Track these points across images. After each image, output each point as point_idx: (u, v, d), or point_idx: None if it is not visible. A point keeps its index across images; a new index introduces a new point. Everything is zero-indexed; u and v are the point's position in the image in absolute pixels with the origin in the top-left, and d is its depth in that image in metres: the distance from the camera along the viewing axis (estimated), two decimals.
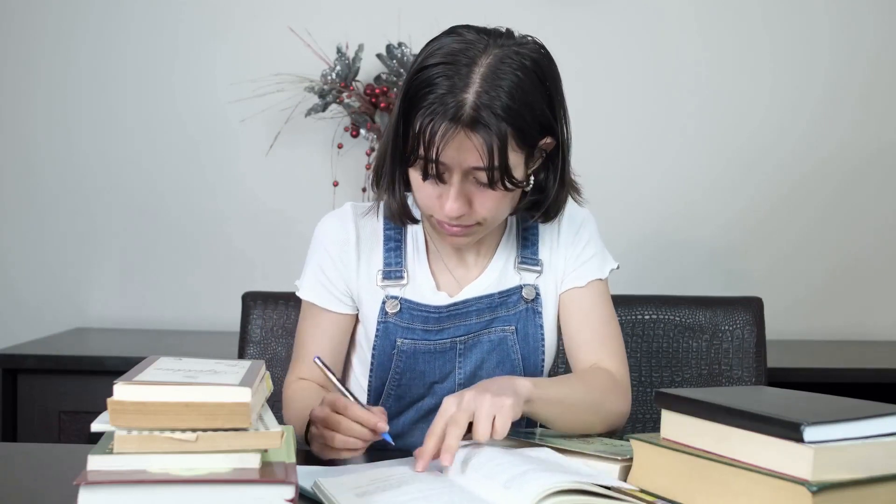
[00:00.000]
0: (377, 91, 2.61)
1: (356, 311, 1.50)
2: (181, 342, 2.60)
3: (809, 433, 0.96)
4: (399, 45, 2.62)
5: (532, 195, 1.41)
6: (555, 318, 1.52)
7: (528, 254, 1.51)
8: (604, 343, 1.49)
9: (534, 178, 1.38)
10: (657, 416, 1.15)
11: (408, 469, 1.17)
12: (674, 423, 1.11)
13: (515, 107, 1.27)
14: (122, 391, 0.92)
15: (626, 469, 1.16)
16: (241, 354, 1.82)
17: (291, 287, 1.55)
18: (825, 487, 0.94)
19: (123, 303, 2.81)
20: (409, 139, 1.30)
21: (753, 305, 1.89)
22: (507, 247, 1.51)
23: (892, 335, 2.88)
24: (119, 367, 1.43)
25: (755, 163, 2.85)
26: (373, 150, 2.66)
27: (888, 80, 2.87)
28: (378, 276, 1.47)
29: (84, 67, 2.79)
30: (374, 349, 1.47)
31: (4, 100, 2.79)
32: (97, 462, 0.91)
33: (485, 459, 1.15)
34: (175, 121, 2.80)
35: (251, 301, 1.83)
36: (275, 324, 1.82)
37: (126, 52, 2.79)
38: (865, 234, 2.88)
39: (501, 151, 1.27)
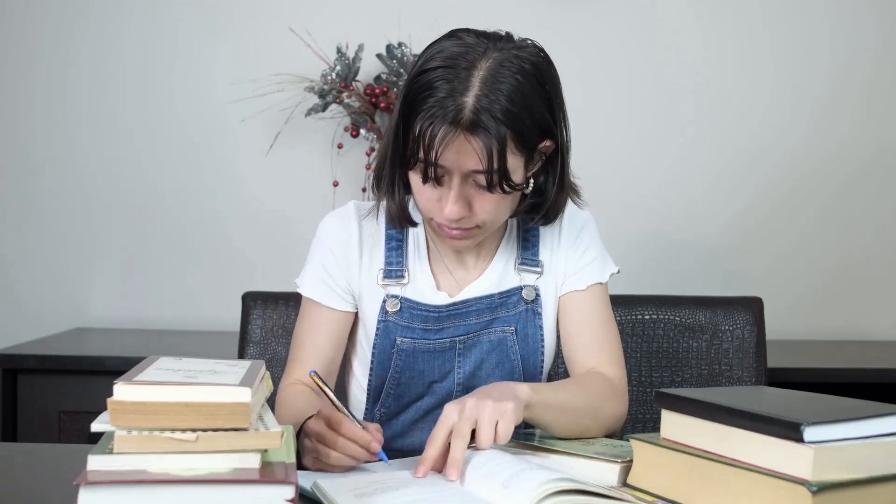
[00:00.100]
0: (377, 91, 2.61)
1: (356, 309, 1.50)
2: (181, 342, 2.60)
3: (809, 433, 0.96)
4: (399, 45, 2.62)
5: (532, 198, 1.41)
6: (554, 320, 1.52)
7: (529, 255, 1.51)
8: (602, 347, 1.49)
9: (533, 181, 1.39)
10: (657, 416, 1.15)
11: (407, 474, 1.17)
12: (674, 423, 1.11)
13: (515, 110, 1.27)
14: (122, 391, 0.92)
15: (626, 469, 1.16)
16: (241, 354, 1.82)
17: (291, 287, 1.55)
18: (825, 487, 0.94)
19: (123, 303, 2.81)
20: (409, 142, 1.30)
21: (753, 305, 1.89)
22: (508, 248, 1.51)
23: (892, 335, 2.88)
24: (119, 367, 1.43)
25: (755, 163, 2.86)
26: (373, 150, 2.66)
27: (888, 81, 2.87)
28: (379, 275, 1.47)
29: (84, 67, 2.79)
30: (374, 348, 1.47)
31: (4, 100, 2.79)
32: (97, 462, 0.91)
33: (484, 459, 1.15)
34: (175, 121, 2.80)
35: (251, 301, 1.83)
36: (275, 324, 1.82)
37: (126, 52, 2.79)
38: (865, 235, 2.88)
39: (501, 155, 1.27)
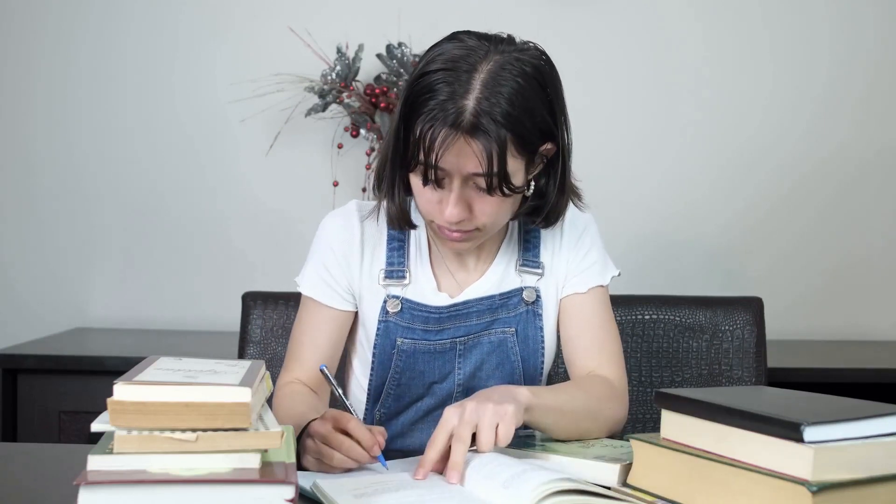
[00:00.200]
0: (377, 91, 2.61)
1: (356, 309, 1.50)
2: (181, 342, 2.60)
3: (809, 433, 0.96)
4: (399, 45, 2.62)
5: (532, 201, 1.40)
6: (555, 321, 1.52)
7: (530, 256, 1.51)
8: (602, 349, 1.48)
9: (534, 184, 1.38)
10: (657, 416, 1.15)
11: (407, 476, 1.17)
12: (674, 423, 1.11)
13: (515, 113, 1.27)
14: (122, 391, 0.92)
15: (626, 470, 1.16)
16: (241, 354, 1.82)
17: (291, 287, 1.55)
18: (825, 487, 0.94)
19: (123, 303, 2.81)
20: (410, 145, 1.30)
21: (753, 305, 1.89)
22: (509, 250, 1.51)
23: (892, 335, 2.88)
24: (119, 367, 1.43)
25: (755, 163, 2.85)
26: (373, 150, 2.66)
27: (888, 81, 2.87)
28: (380, 276, 1.47)
29: (84, 67, 2.79)
30: (375, 348, 1.47)
31: (4, 100, 2.79)
32: (97, 462, 0.91)
33: (485, 460, 1.15)
34: (175, 121, 2.80)
35: (251, 301, 1.83)
36: (275, 324, 1.82)
37: (126, 53, 2.79)
38: (865, 235, 2.87)
39: (501, 158, 1.27)
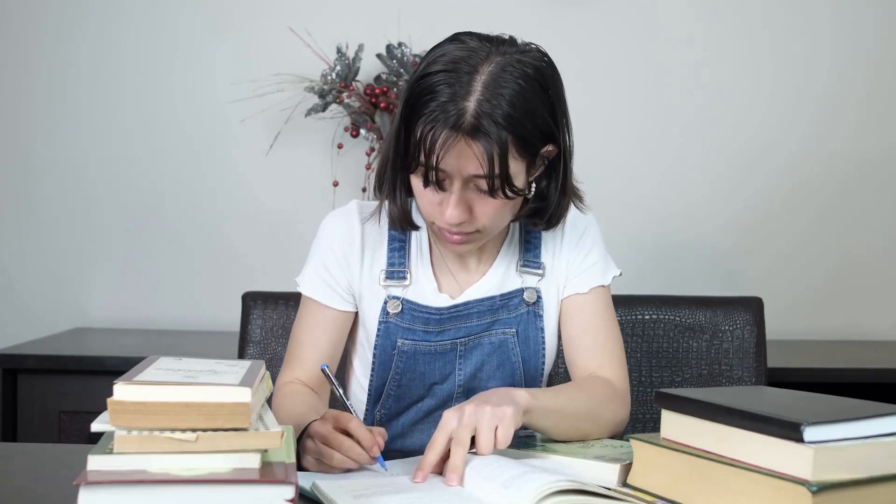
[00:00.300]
0: (377, 91, 2.61)
1: (356, 309, 1.50)
2: (181, 342, 2.60)
3: (809, 433, 0.96)
4: (399, 45, 2.62)
5: (533, 203, 1.40)
6: (556, 322, 1.51)
7: (531, 257, 1.50)
8: (604, 350, 1.48)
9: (535, 186, 1.38)
10: (657, 416, 1.15)
11: (406, 479, 1.17)
12: (674, 423, 1.11)
13: (516, 115, 1.26)
14: (122, 391, 0.92)
15: (626, 470, 1.16)
16: (241, 354, 1.82)
17: (291, 287, 1.54)
18: (825, 487, 0.94)
19: (123, 303, 2.81)
20: (410, 146, 1.30)
21: (753, 305, 1.89)
22: (510, 251, 1.50)
23: (892, 335, 2.88)
24: (119, 367, 1.43)
25: (755, 163, 2.85)
26: (373, 150, 2.66)
27: (889, 83, 2.87)
28: (381, 276, 1.47)
29: (84, 67, 2.79)
30: (375, 349, 1.47)
31: (4, 100, 2.79)
32: (97, 462, 0.91)
33: (485, 461, 1.15)
34: (175, 121, 2.80)
35: (251, 301, 1.83)
36: (275, 324, 1.82)
37: (126, 53, 2.79)
38: (865, 235, 2.87)
39: (502, 160, 1.26)
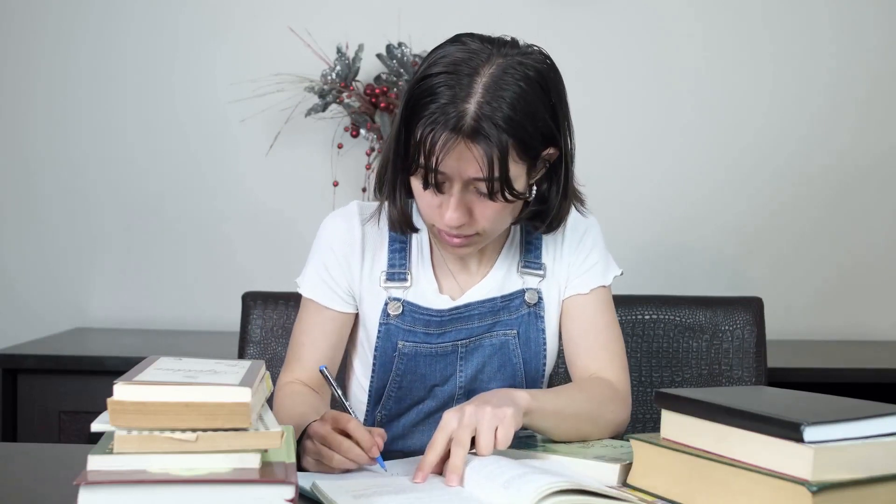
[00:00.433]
0: (377, 91, 2.61)
1: (356, 311, 1.50)
2: (181, 342, 2.60)
3: (809, 433, 0.96)
4: (399, 45, 2.62)
5: (534, 205, 1.39)
6: (557, 323, 1.51)
7: (532, 258, 1.50)
8: (605, 351, 1.48)
9: (536, 189, 1.37)
10: (657, 416, 1.15)
11: (406, 479, 1.17)
12: (674, 423, 1.11)
13: (517, 118, 1.26)
14: (122, 391, 0.92)
15: (626, 470, 1.16)
16: (241, 354, 1.82)
17: (291, 287, 1.54)
18: (825, 487, 0.94)
19: (123, 303, 2.81)
20: (410, 148, 1.29)
21: (753, 305, 1.89)
22: (511, 251, 1.50)
23: (892, 335, 2.88)
24: (119, 367, 1.43)
25: (756, 164, 2.85)
26: (373, 150, 2.66)
27: (890, 84, 2.86)
28: (381, 278, 1.47)
29: (84, 67, 2.79)
30: (376, 350, 1.47)
31: (4, 100, 2.79)
32: (97, 462, 0.91)
33: (485, 461, 1.15)
34: (175, 121, 2.80)
35: (251, 301, 1.83)
36: (275, 324, 1.82)
37: (126, 53, 2.79)
38: (866, 235, 2.87)
39: (502, 163, 1.26)
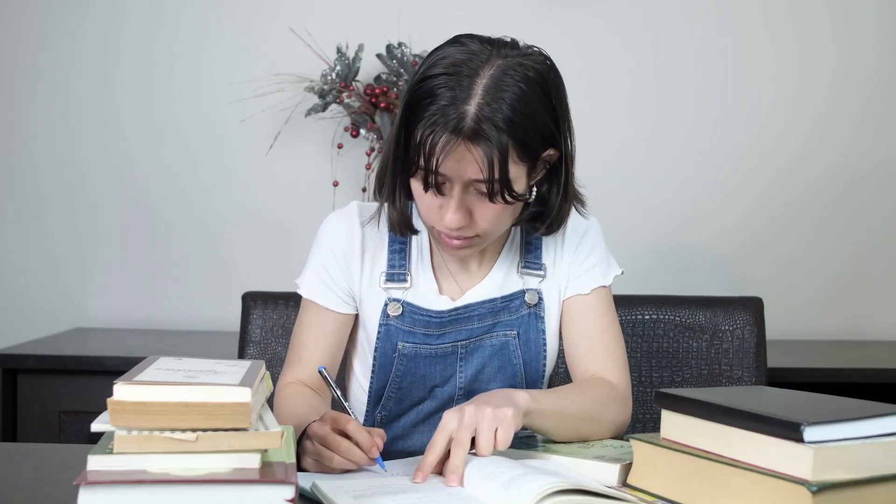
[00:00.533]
0: (377, 91, 2.61)
1: (356, 311, 1.50)
2: (181, 342, 2.60)
3: (809, 433, 0.96)
4: (399, 45, 2.62)
5: (534, 207, 1.39)
6: (557, 324, 1.51)
7: (532, 258, 1.50)
8: (606, 351, 1.48)
9: (536, 191, 1.37)
10: (657, 416, 1.15)
11: (406, 480, 1.17)
12: (674, 423, 1.11)
13: (517, 119, 1.26)
14: (122, 391, 0.92)
15: (626, 470, 1.16)
16: (241, 354, 1.82)
17: (291, 287, 1.54)
18: (825, 487, 0.94)
19: (123, 303, 2.81)
20: (410, 150, 1.29)
21: (753, 305, 1.89)
22: (511, 252, 1.50)
23: (892, 335, 2.88)
24: (119, 367, 1.43)
25: (758, 165, 2.84)
26: (373, 150, 2.66)
27: (893, 85, 2.86)
28: (381, 278, 1.47)
29: (83, 67, 2.79)
30: (376, 351, 1.46)
31: (4, 100, 2.79)
32: (97, 462, 0.91)
33: (485, 461, 1.15)
34: (175, 121, 2.80)
35: (251, 301, 1.83)
36: (275, 324, 1.82)
37: (125, 53, 2.79)
38: (866, 236, 2.87)
39: (502, 164, 1.26)
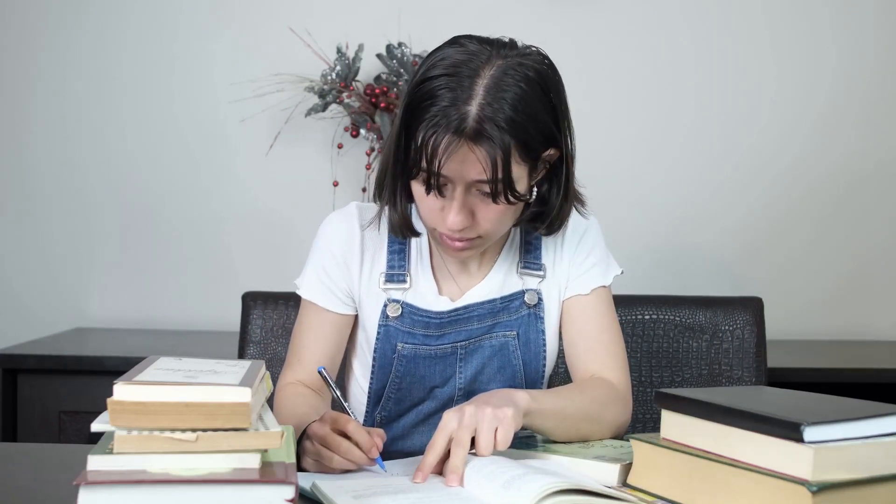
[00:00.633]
0: (377, 91, 2.61)
1: (356, 312, 1.50)
2: (181, 342, 2.60)
3: (809, 433, 0.96)
4: (399, 45, 2.62)
5: (535, 207, 1.39)
6: (557, 324, 1.51)
7: (532, 258, 1.50)
8: (605, 352, 1.48)
9: (537, 190, 1.37)
10: (657, 416, 1.15)
11: (406, 480, 1.17)
12: (674, 423, 1.11)
13: (519, 119, 1.26)
14: (122, 391, 0.92)
15: (626, 470, 1.16)
16: (241, 354, 1.82)
17: (291, 287, 1.54)
18: (825, 487, 0.94)
19: (123, 303, 2.81)
20: (411, 152, 1.28)
21: (753, 305, 1.89)
22: (510, 253, 1.50)
23: (892, 335, 2.88)
24: (119, 367, 1.43)
25: (759, 165, 2.84)
26: (373, 151, 2.66)
27: (893, 86, 2.86)
28: (381, 279, 1.46)
29: (83, 67, 2.79)
30: (375, 352, 1.46)
31: (4, 100, 2.79)
32: (97, 462, 0.91)
33: (485, 461, 1.15)
34: (175, 121, 2.80)
35: (251, 301, 1.83)
36: (275, 324, 1.82)
37: (125, 53, 2.79)
38: (866, 237, 2.87)
39: (505, 164, 1.26)
